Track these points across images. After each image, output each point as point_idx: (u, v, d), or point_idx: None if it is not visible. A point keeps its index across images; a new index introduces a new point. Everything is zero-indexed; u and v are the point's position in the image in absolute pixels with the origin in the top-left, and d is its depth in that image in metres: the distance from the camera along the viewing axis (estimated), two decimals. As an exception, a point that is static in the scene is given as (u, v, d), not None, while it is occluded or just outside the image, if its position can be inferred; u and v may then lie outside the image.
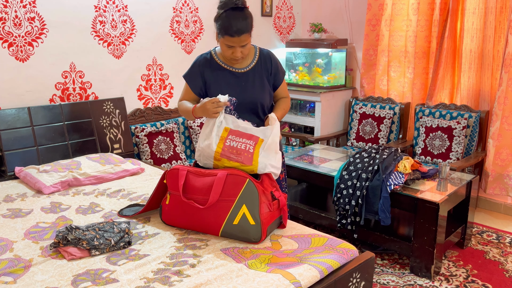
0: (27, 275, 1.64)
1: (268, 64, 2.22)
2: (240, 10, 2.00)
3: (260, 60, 2.21)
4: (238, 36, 1.98)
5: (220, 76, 2.17)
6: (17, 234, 2.00)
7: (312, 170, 3.17)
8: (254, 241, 1.85)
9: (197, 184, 1.93)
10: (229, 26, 1.97)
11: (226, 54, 2.09)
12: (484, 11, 3.51)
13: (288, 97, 2.37)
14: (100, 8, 3.31)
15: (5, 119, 2.85)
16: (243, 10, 2.01)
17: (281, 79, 2.28)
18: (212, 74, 2.18)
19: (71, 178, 2.66)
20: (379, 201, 2.66)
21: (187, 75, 2.24)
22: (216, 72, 2.18)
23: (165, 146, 3.49)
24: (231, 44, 2.02)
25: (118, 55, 3.48)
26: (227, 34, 1.98)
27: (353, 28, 4.50)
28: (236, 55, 2.06)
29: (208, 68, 2.18)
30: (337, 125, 4.49)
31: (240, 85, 2.17)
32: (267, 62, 2.22)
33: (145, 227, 2.05)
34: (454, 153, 3.57)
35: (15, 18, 2.93)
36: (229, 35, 1.98)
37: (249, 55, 2.20)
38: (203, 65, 2.19)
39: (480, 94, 3.67)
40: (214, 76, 2.18)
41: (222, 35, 2.01)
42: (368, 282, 1.88)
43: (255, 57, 2.21)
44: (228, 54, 2.08)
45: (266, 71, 2.22)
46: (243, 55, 2.09)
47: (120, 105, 3.39)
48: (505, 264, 2.86)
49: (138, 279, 1.60)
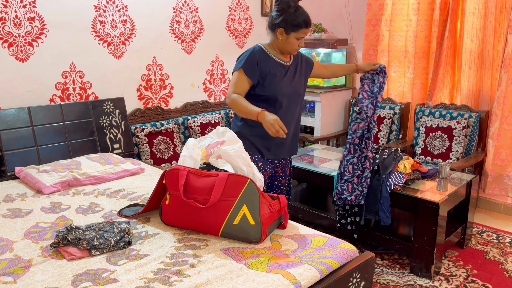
0: (27, 275, 1.64)
1: (300, 56, 2.53)
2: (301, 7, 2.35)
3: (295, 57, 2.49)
4: (309, 27, 2.32)
5: (273, 67, 2.36)
6: (17, 234, 2.00)
7: (312, 170, 3.17)
8: (254, 241, 1.85)
9: (198, 184, 1.93)
10: (307, 18, 2.29)
11: (295, 47, 2.34)
12: (484, 11, 3.51)
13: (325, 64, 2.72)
14: (100, 8, 3.31)
15: (5, 119, 2.85)
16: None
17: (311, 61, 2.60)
18: (267, 65, 2.35)
19: (71, 178, 2.66)
20: (379, 201, 2.66)
21: (246, 65, 2.32)
22: (270, 64, 2.36)
23: (165, 146, 3.49)
24: (302, 36, 2.31)
25: (118, 55, 3.48)
26: (305, 26, 2.29)
27: (353, 28, 4.50)
28: (303, 45, 2.36)
29: (263, 59, 2.35)
30: (337, 125, 4.49)
31: (288, 75, 2.41)
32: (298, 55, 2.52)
33: (145, 227, 2.05)
34: (454, 153, 3.57)
35: (15, 18, 2.93)
36: (306, 26, 2.29)
37: None
38: (259, 56, 2.35)
39: (480, 94, 3.67)
40: (268, 66, 2.35)
41: (298, 29, 2.28)
42: (368, 282, 1.88)
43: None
44: (296, 46, 2.34)
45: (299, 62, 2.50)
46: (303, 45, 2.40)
47: (120, 105, 3.39)
48: (505, 264, 2.86)
49: (138, 279, 1.60)
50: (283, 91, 2.36)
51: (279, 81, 2.35)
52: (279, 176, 2.58)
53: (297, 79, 2.46)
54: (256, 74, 2.32)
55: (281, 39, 2.33)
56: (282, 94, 2.36)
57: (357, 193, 2.69)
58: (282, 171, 2.57)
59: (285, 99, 2.38)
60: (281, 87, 2.35)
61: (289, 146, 2.52)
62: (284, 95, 2.37)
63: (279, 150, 2.47)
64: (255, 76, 2.32)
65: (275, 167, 2.54)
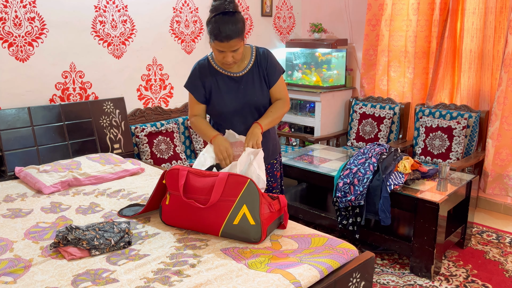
0: (27, 275, 1.64)
1: (264, 64, 2.17)
2: (231, 15, 1.97)
3: (257, 61, 2.17)
4: (227, 41, 1.96)
5: (219, 81, 2.16)
6: (17, 234, 2.00)
7: (312, 170, 3.17)
8: (254, 241, 1.85)
9: (198, 184, 1.93)
10: (218, 31, 1.95)
11: (218, 58, 2.08)
12: (484, 11, 3.51)
13: (284, 99, 2.23)
14: (100, 8, 3.31)
15: (5, 119, 2.85)
16: (234, 15, 1.98)
17: (276, 78, 2.19)
18: (212, 80, 2.16)
19: (71, 178, 2.66)
20: (379, 201, 2.66)
21: (189, 85, 2.22)
22: (215, 78, 2.17)
23: (165, 146, 3.49)
24: (221, 49, 2.01)
25: (118, 55, 3.48)
26: (217, 39, 1.97)
27: (353, 28, 4.50)
28: (227, 60, 2.04)
29: (207, 74, 2.16)
30: (337, 125, 4.49)
31: (239, 88, 2.16)
32: (262, 62, 2.17)
33: (145, 227, 2.05)
34: (454, 153, 3.57)
35: (15, 18, 2.93)
36: (219, 40, 1.97)
37: (245, 57, 2.18)
38: (201, 72, 2.18)
39: (480, 94, 3.67)
40: (213, 81, 2.16)
41: (212, 40, 2.00)
42: (368, 282, 1.88)
43: (252, 59, 2.17)
44: (219, 58, 2.07)
45: (262, 72, 2.18)
46: (235, 60, 2.06)
47: (120, 105, 3.39)
48: (505, 264, 2.86)
49: (138, 279, 1.60)
50: (234, 105, 2.15)
51: (226, 97, 2.14)
52: (268, 181, 2.43)
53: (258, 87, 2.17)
54: (201, 93, 2.17)
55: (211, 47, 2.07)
56: (234, 109, 2.16)
57: (358, 193, 2.69)
58: (270, 176, 2.42)
59: (239, 112, 2.17)
60: (230, 102, 2.15)
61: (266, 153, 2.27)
62: (238, 109, 2.16)
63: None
64: (200, 95, 2.17)
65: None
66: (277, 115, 2.21)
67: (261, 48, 2.22)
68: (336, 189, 2.86)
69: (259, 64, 2.17)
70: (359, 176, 2.75)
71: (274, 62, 2.21)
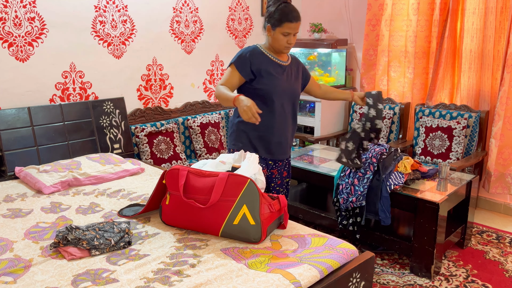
0: (27, 275, 1.64)
1: (297, 63, 2.52)
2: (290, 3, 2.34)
3: (292, 58, 2.50)
4: (297, 21, 2.29)
5: (270, 66, 2.37)
6: (17, 234, 2.00)
7: (312, 170, 3.17)
8: (254, 241, 1.85)
9: (198, 184, 1.94)
10: (290, 12, 2.27)
11: (282, 43, 2.33)
12: (484, 11, 3.51)
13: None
14: (100, 8, 3.31)
15: (5, 119, 2.85)
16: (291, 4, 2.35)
17: (310, 75, 2.63)
18: (263, 64, 2.36)
19: (71, 178, 2.66)
20: (379, 201, 2.66)
21: (237, 62, 2.36)
22: (266, 63, 2.37)
23: (165, 146, 3.49)
24: (289, 31, 2.29)
25: (118, 55, 3.48)
26: (288, 20, 2.26)
27: (353, 28, 4.50)
28: (291, 42, 2.32)
29: (257, 59, 2.36)
30: (337, 125, 4.49)
31: (286, 75, 2.42)
32: (295, 61, 2.52)
33: (145, 227, 2.05)
34: (454, 153, 3.57)
35: (15, 18, 2.93)
36: (290, 21, 2.26)
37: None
38: (251, 56, 2.36)
39: (480, 94, 3.67)
40: (265, 66, 2.36)
41: (281, 24, 2.27)
42: (368, 282, 1.88)
43: (288, 55, 2.49)
44: (283, 43, 2.32)
45: (298, 68, 2.51)
46: (293, 43, 2.35)
47: (120, 105, 3.39)
48: (505, 264, 2.86)
49: (138, 279, 1.60)
50: (280, 89, 2.37)
51: (276, 79, 2.36)
52: (275, 178, 2.55)
53: (294, 80, 2.46)
54: (247, 70, 2.34)
55: (270, 36, 2.36)
56: (279, 92, 2.37)
57: (358, 193, 2.69)
58: (278, 173, 2.55)
59: (281, 97, 2.38)
60: (277, 85, 2.36)
61: (285, 147, 2.50)
62: (281, 93, 2.38)
63: (275, 150, 2.44)
64: (246, 72, 2.34)
65: (271, 168, 2.52)
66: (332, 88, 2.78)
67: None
68: (337, 190, 2.86)
69: (294, 61, 2.50)
70: (359, 176, 2.75)
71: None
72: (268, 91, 2.35)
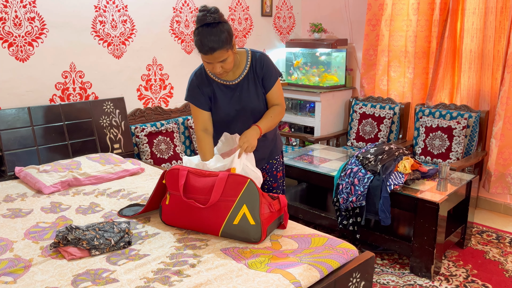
0: (27, 275, 1.64)
1: (259, 69, 2.13)
2: (214, 26, 1.90)
3: (252, 66, 2.13)
4: (211, 53, 1.92)
5: (216, 89, 2.14)
6: (17, 234, 2.00)
7: (312, 170, 3.17)
8: (254, 241, 1.85)
9: (198, 184, 1.93)
10: (201, 44, 1.92)
11: (207, 69, 2.07)
12: (484, 11, 3.51)
13: (280, 105, 2.20)
14: (100, 8, 3.31)
15: (5, 119, 2.85)
16: (217, 26, 1.91)
17: (272, 84, 2.14)
18: (209, 89, 2.14)
19: (71, 178, 2.66)
20: (379, 201, 2.66)
21: (190, 97, 2.16)
22: (211, 86, 2.14)
23: (165, 146, 3.49)
24: (207, 61, 1.98)
25: (118, 55, 3.48)
26: (201, 52, 1.95)
27: (353, 28, 4.50)
28: (215, 71, 2.01)
29: (204, 84, 2.14)
30: (337, 125, 4.49)
31: (234, 96, 2.14)
32: (257, 67, 2.13)
33: (145, 227, 2.05)
34: (454, 153, 3.57)
35: (15, 18, 2.93)
36: (203, 53, 1.94)
37: (241, 63, 2.13)
38: (199, 81, 2.14)
39: (480, 94, 3.67)
40: (211, 90, 2.14)
41: (198, 52, 1.98)
42: (368, 282, 1.88)
43: (247, 64, 2.13)
44: (209, 69, 2.05)
45: (258, 77, 2.14)
46: (225, 70, 2.01)
47: (120, 105, 3.39)
48: (505, 264, 2.86)
49: (138, 279, 1.60)
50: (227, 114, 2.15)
51: (221, 105, 2.13)
52: (268, 181, 2.42)
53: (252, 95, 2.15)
54: (203, 102, 2.13)
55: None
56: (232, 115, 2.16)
57: (358, 193, 2.70)
58: (269, 176, 2.40)
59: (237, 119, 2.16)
60: (223, 111, 2.14)
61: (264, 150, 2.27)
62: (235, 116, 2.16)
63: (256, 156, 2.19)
64: (204, 104, 2.13)
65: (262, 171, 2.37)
66: (275, 120, 2.18)
67: (258, 52, 2.18)
68: (337, 190, 2.86)
69: (254, 69, 2.13)
70: (359, 176, 2.75)
71: (270, 66, 2.15)
72: (220, 119, 2.17)
